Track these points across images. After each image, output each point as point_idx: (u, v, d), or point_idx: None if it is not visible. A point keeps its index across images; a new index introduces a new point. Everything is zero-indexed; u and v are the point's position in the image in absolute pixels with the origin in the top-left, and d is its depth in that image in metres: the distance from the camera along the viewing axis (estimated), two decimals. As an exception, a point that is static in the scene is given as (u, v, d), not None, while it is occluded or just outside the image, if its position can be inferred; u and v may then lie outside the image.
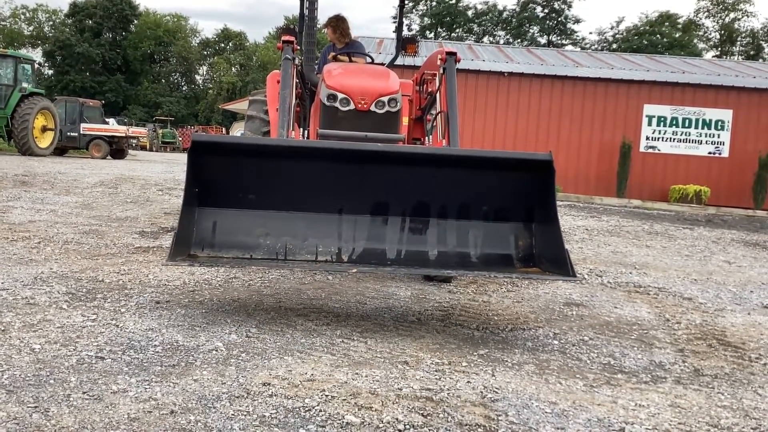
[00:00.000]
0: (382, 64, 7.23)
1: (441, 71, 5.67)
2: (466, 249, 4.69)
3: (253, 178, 4.50)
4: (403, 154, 4.62)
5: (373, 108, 5.49)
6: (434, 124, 5.80)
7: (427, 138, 6.05)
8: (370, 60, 7.02)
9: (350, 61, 6.85)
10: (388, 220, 4.68)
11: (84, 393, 2.99)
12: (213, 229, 4.49)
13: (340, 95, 5.45)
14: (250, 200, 4.53)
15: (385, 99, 5.54)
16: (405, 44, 7.41)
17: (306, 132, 6.24)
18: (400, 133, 5.72)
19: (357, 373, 3.41)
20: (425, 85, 6.46)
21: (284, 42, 5.50)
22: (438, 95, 5.73)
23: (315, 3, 6.45)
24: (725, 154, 19.88)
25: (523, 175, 4.55)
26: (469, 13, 73.57)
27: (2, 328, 3.80)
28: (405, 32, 8.60)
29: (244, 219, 4.53)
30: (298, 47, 6.67)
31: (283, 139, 4.89)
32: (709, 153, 19.89)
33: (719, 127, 19.81)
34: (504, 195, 4.65)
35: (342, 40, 7.31)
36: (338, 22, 7.30)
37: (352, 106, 5.45)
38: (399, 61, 18.71)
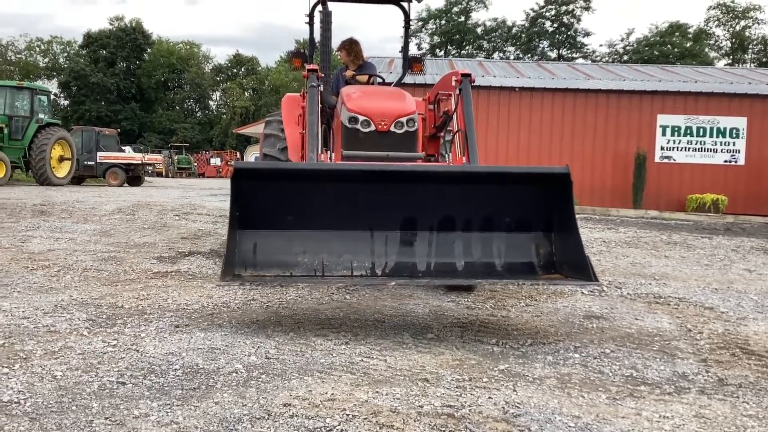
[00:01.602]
0: (391, 83, 7.51)
1: (457, 92, 5.89)
2: (491, 259, 4.93)
3: (289, 201, 4.76)
4: (430, 173, 4.97)
5: (392, 128, 5.81)
6: (452, 142, 6.02)
7: (446, 155, 6.25)
8: (381, 80, 7.23)
9: (368, 81, 7.12)
10: (417, 235, 4.91)
11: (106, 418, 3.00)
12: (254, 250, 4.72)
13: (361, 117, 5.78)
14: (288, 221, 4.79)
15: (404, 120, 5.86)
16: (411, 63, 7.76)
17: (332, 153, 6.38)
18: (418, 152, 6.03)
19: (377, 392, 3.40)
20: (439, 104, 6.66)
21: (309, 71, 5.79)
22: (455, 115, 5.94)
23: (329, 29, 6.82)
24: (741, 161, 19.74)
25: (543, 188, 4.86)
26: (479, 30, 73.83)
27: (24, 356, 3.83)
28: (411, 51, 8.89)
29: (282, 239, 4.78)
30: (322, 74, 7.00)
31: (316, 162, 5.22)
32: (725, 161, 19.77)
33: (734, 135, 19.69)
34: (525, 207, 4.92)
35: (356, 62, 7.54)
36: (352, 45, 7.56)
37: (372, 128, 5.78)
38: (410, 80, 18.83)
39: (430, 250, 4.92)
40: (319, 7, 7.28)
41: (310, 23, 7.62)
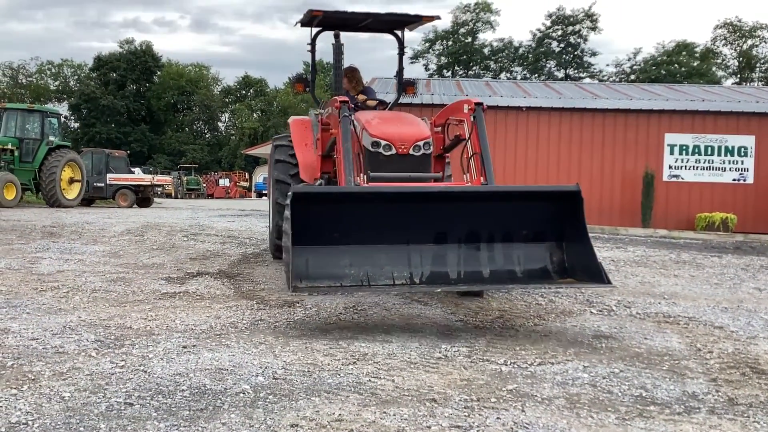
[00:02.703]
0: (389, 103, 8.33)
1: (471, 119, 6.43)
2: (513, 267, 5.59)
3: (336, 220, 5.37)
4: (459, 193, 5.77)
5: (411, 151, 6.41)
6: (469, 164, 6.52)
7: (465, 176, 6.68)
8: (377, 102, 8.04)
9: (366, 102, 7.89)
10: (448, 247, 5.57)
11: (113, 439, 3.00)
12: (306, 264, 5.28)
13: (383, 142, 6.37)
14: (335, 238, 5.38)
15: (421, 143, 6.48)
16: (405, 87, 8.35)
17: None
18: (432, 172, 6.68)
19: (385, 412, 3.39)
20: (448, 128, 7.23)
21: (341, 102, 6.33)
22: (469, 139, 6.49)
23: (341, 60, 7.57)
24: (750, 180, 19.66)
25: (556, 204, 5.62)
26: (486, 50, 74.13)
27: (32, 377, 3.84)
28: (420, 72, 9.94)
29: (331, 254, 5.36)
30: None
31: (361, 186, 5.85)
32: (734, 180, 19.70)
33: (742, 154, 19.64)
34: (540, 220, 5.62)
35: (357, 88, 8.20)
36: (352, 73, 8.24)
37: (393, 151, 6.37)
38: (417, 101, 18.92)
39: (460, 260, 5.56)
40: (331, 38, 7.78)
41: (312, 51, 8.12)
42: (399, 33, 8.23)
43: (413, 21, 7.89)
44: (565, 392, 3.83)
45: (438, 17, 7.92)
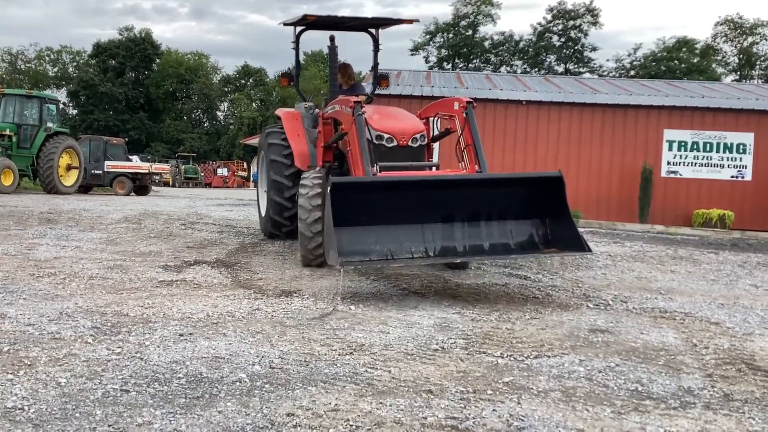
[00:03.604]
0: (366, 95, 9.15)
1: (464, 115, 7.21)
2: (507, 240, 6.62)
3: (364, 205, 6.25)
4: (463, 180, 6.77)
5: (410, 143, 7.26)
6: (463, 154, 7.38)
7: (460, 164, 7.51)
8: (366, 97, 8.83)
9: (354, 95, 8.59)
10: (454, 225, 6.55)
11: (109, 426, 3.00)
12: (341, 243, 5.95)
13: (386, 135, 7.19)
14: (363, 220, 6.26)
15: (418, 136, 7.36)
16: (379, 80, 9.30)
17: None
18: (427, 161, 7.61)
19: (381, 403, 3.39)
20: (438, 121, 8.16)
21: (356, 102, 7.09)
22: (462, 133, 7.31)
23: (336, 59, 8.75)
24: (748, 177, 19.66)
25: (542, 188, 6.69)
26: (486, 43, 73.92)
27: (29, 363, 3.84)
28: (417, 64, 11.26)
29: (360, 233, 6.26)
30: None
31: (385, 176, 6.68)
32: (732, 177, 19.70)
33: (741, 151, 19.64)
34: (530, 201, 6.66)
35: (348, 83, 9.28)
36: (345, 69, 9.31)
37: (395, 143, 7.19)
38: (417, 92, 18.91)
39: (464, 236, 6.54)
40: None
41: (296, 48, 9.23)
42: (374, 32, 9.12)
43: (390, 23, 9.06)
44: (560, 385, 3.83)
45: (417, 20, 9.03)
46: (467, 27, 73.55)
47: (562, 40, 71.67)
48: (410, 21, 8.81)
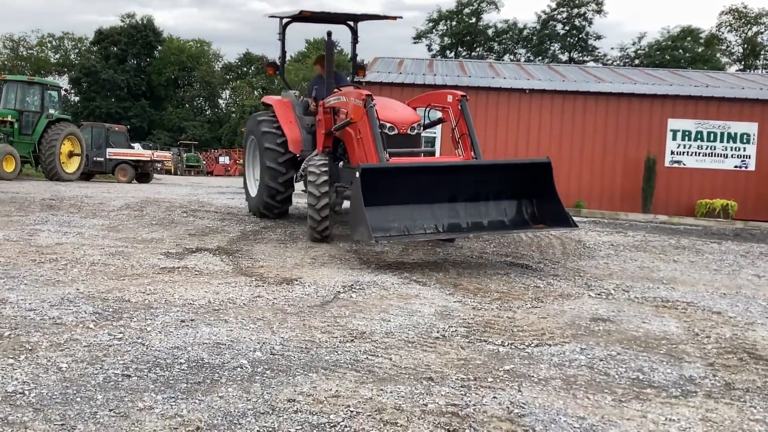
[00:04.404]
0: (349, 83, 9.86)
1: (459, 107, 7.96)
2: (503, 218, 7.56)
3: (386, 187, 6.95)
4: (467, 166, 7.59)
5: (408, 131, 8.04)
6: (458, 142, 8.12)
7: (456, 151, 8.22)
8: (349, 83, 9.68)
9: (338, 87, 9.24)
10: (458, 205, 7.41)
11: (110, 410, 3.01)
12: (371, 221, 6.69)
13: (388, 124, 7.89)
14: (385, 200, 6.96)
15: (415, 125, 8.14)
16: (357, 70, 10.22)
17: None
18: (422, 148, 8.45)
19: (382, 389, 3.39)
20: (429, 111, 8.79)
21: (367, 95, 7.75)
22: (456, 124, 8.05)
23: (332, 55, 9.31)
24: (752, 167, 19.61)
25: (532, 172, 7.61)
26: (490, 31, 73.54)
27: (30, 348, 3.84)
28: (408, 54, 12.16)
29: (382, 212, 6.96)
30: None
31: (401, 161, 7.59)
32: (736, 167, 19.65)
33: (745, 141, 19.58)
34: (522, 184, 7.58)
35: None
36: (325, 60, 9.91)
37: (396, 131, 7.92)
38: (419, 80, 18.86)
39: (467, 214, 7.43)
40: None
41: (282, 40, 10.05)
42: (353, 25, 10.05)
43: (374, 18, 10.26)
44: (561, 373, 3.83)
45: (400, 17, 9.91)
46: (470, 15, 73.19)
47: (566, 28, 71.31)
48: (394, 17, 9.82)
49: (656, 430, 3.06)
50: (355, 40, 10.18)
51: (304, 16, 9.67)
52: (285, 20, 9.93)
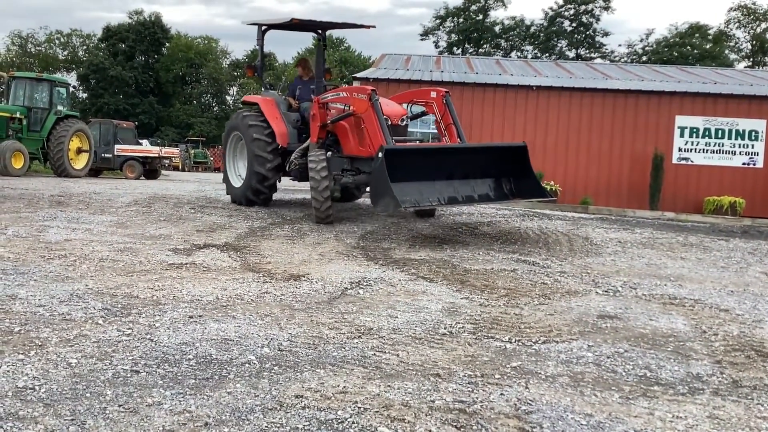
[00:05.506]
0: (334, 83, 11.74)
1: (444, 102, 9.49)
2: (488, 192, 9.04)
3: (401, 166, 8.02)
4: (461, 149, 9.11)
5: (399, 122, 9.35)
6: (445, 131, 9.58)
7: (442, 139, 9.67)
8: (324, 85, 10.67)
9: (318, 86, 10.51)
10: (454, 182, 8.75)
11: (120, 406, 3.03)
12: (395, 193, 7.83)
13: (383, 117, 8.89)
14: (399, 177, 7.93)
15: (404, 117, 9.55)
16: (324, 73, 10.90)
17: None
18: (408, 136, 9.93)
19: (389, 386, 3.40)
20: (411, 106, 10.14)
21: (372, 91, 9.00)
22: (442, 117, 9.53)
23: (323, 57, 10.64)
24: (760, 164, 19.51)
25: (511, 154, 9.25)
26: (497, 28, 73.33)
27: (40, 344, 3.86)
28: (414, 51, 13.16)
29: (399, 188, 7.87)
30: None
31: (412, 145, 9.52)
32: (744, 164, 19.55)
33: (753, 138, 19.48)
34: (504, 163, 9.14)
35: (308, 74, 11.25)
36: (305, 63, 11.67)
37: (390, 123, 8.98)
38: (415, 77, 18.78)
39: (462, 189, 8.77)
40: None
41: (260, 45, 11.41)
42: (320, 31, 11.27)
43: (349, 27, 11.63)
44: (569, 370, 3.84)
45: (373, 26, 11.27)
46: (478, 11, 72.99)
47: (574, 25, 71.02)
48: (368, 26, 11.26)
49: (663, 428, 3.06)
50: (324, 46, 11.34)
51: (278, 25, 11.02)
52: (263, 27, 11.18)
